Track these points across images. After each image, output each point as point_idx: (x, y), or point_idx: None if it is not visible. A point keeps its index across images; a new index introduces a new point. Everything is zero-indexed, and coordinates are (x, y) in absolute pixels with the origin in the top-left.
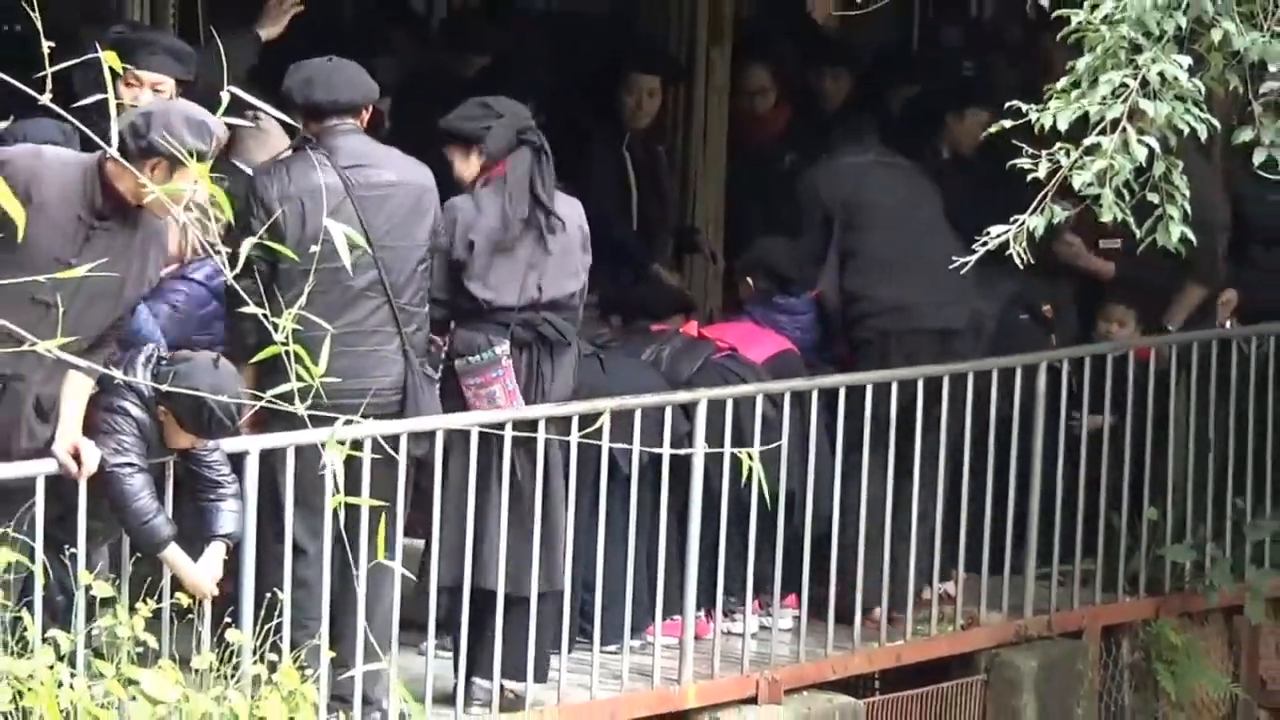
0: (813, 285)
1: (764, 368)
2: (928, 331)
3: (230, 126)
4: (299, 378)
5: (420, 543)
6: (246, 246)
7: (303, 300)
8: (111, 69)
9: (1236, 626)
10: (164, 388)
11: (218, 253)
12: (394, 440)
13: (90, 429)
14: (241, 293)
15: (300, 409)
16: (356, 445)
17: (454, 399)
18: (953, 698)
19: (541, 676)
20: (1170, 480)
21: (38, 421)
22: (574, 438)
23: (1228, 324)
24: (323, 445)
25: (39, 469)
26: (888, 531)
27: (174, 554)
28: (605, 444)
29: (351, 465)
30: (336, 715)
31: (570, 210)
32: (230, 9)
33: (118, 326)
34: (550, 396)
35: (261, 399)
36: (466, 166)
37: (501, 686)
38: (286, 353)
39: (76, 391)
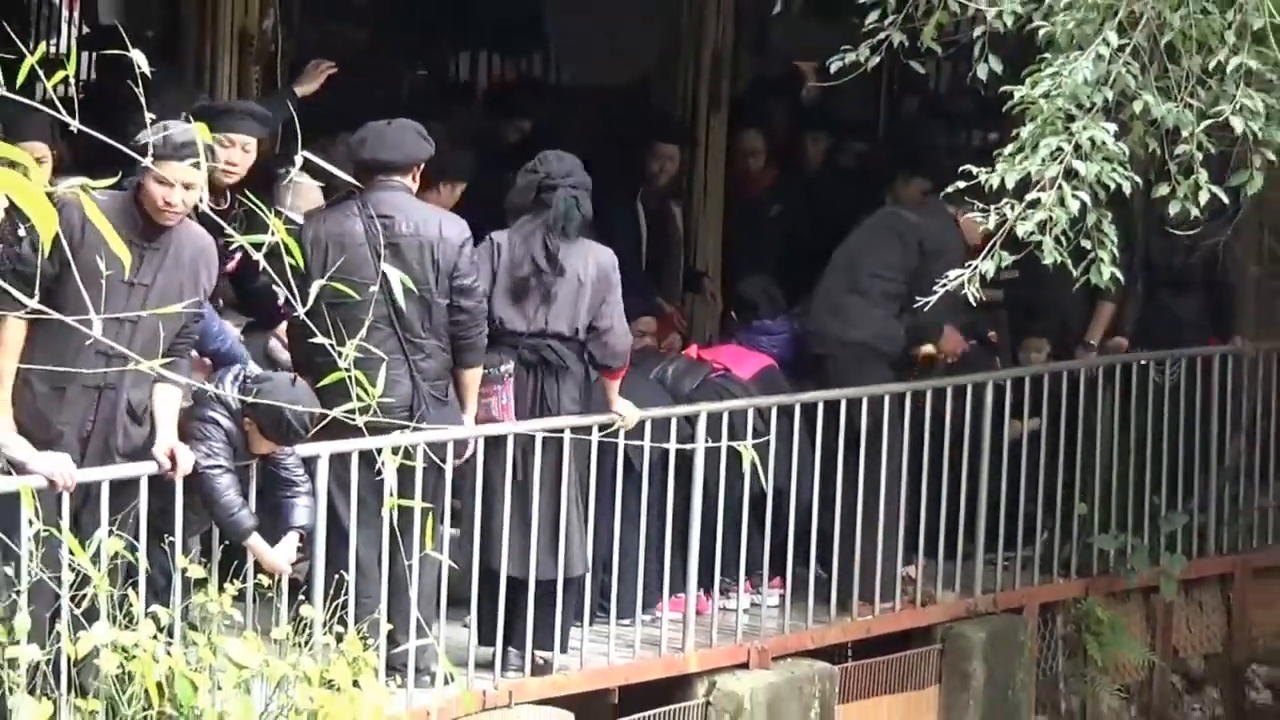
0: (781, 311)
1: (751, 382)
2: None
3: (271, 180)
4: (359, 397)
5: (456, 530)
6: (316, 287)
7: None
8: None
9: (1153, 604)
10: (250, 399)
11: (291, 293)
12: (432, 447)
13: (185, 435)
14: (311, 326)
15: (359, 421)
16: (399, 453)
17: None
18: (914, 664)
19: (565, 647)
20: (1097, 480)
21: (131, 424)
22: (594, 438)
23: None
24: (378, 453)
25: (142, 470)
26: (859, 523)
27: (256, 542)
28: (621, 442)
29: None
30: (393, 678)
31: (600, 256)
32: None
33: (185, 336)
34: (555, 411)
35: (329, 413)
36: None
37: (533, 655)
38: (349, 377)
39: (168, 401)
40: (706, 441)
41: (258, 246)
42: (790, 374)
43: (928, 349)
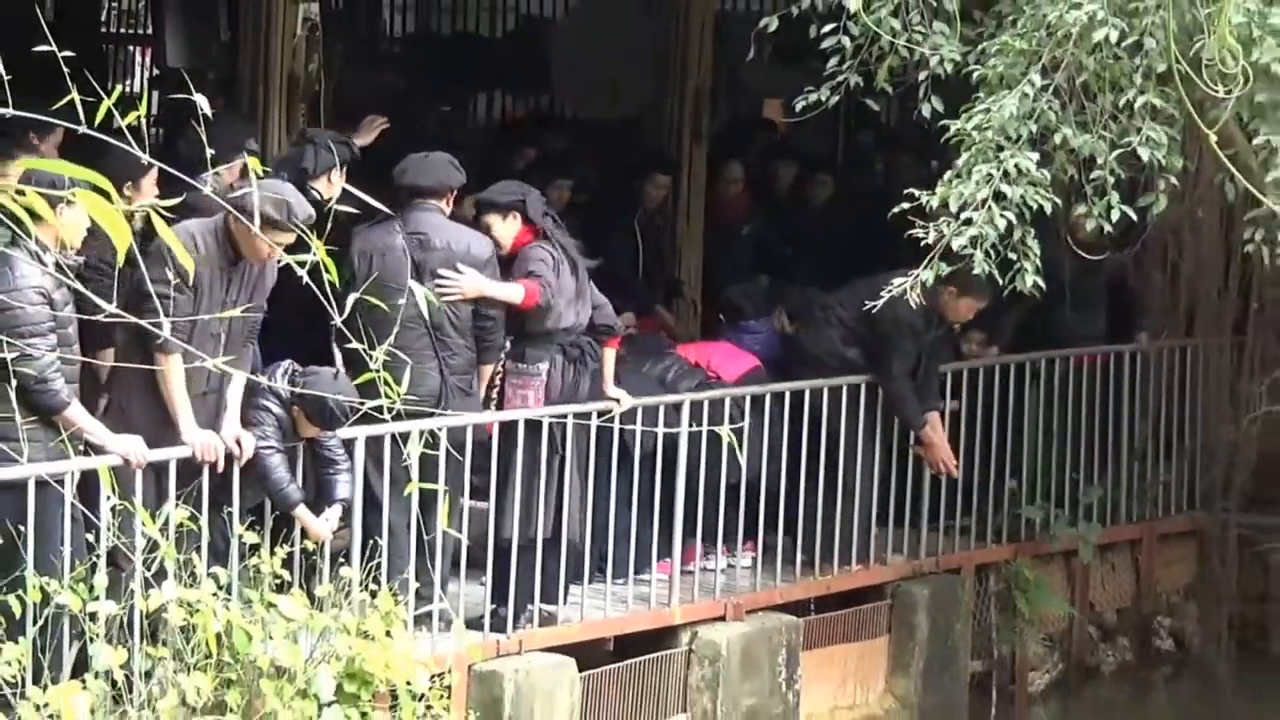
0: (764, 314)
1: (738, 382)
2: None
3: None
4: (387, 394)
5: (483, 504)
6: (351, 299)
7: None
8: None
9: (1073, 565)
10: (298, 390)
11: (330, 304)
12: (453, 432)
13: (243, 421)
14: (346, 333)
15: (387, 415)
16: (423, 439)
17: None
18: (867, 616)
19: (566, 600)
20: (1025, 459)
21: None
22: (593, 424)
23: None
24: (403, 441)
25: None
26: (820, 497)
27: (302, 512)
28: (616, 427)
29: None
30: (421, 629)
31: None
32: (346, 109)
33: (251, 336)
34: (579, 399)
35: (365, 404)
36: (505, 228)
37: (540, 609)
38: (379, 377)
39: (235, 393)
40: (691, 427)
41: (302, 264)
42: (773, 369)
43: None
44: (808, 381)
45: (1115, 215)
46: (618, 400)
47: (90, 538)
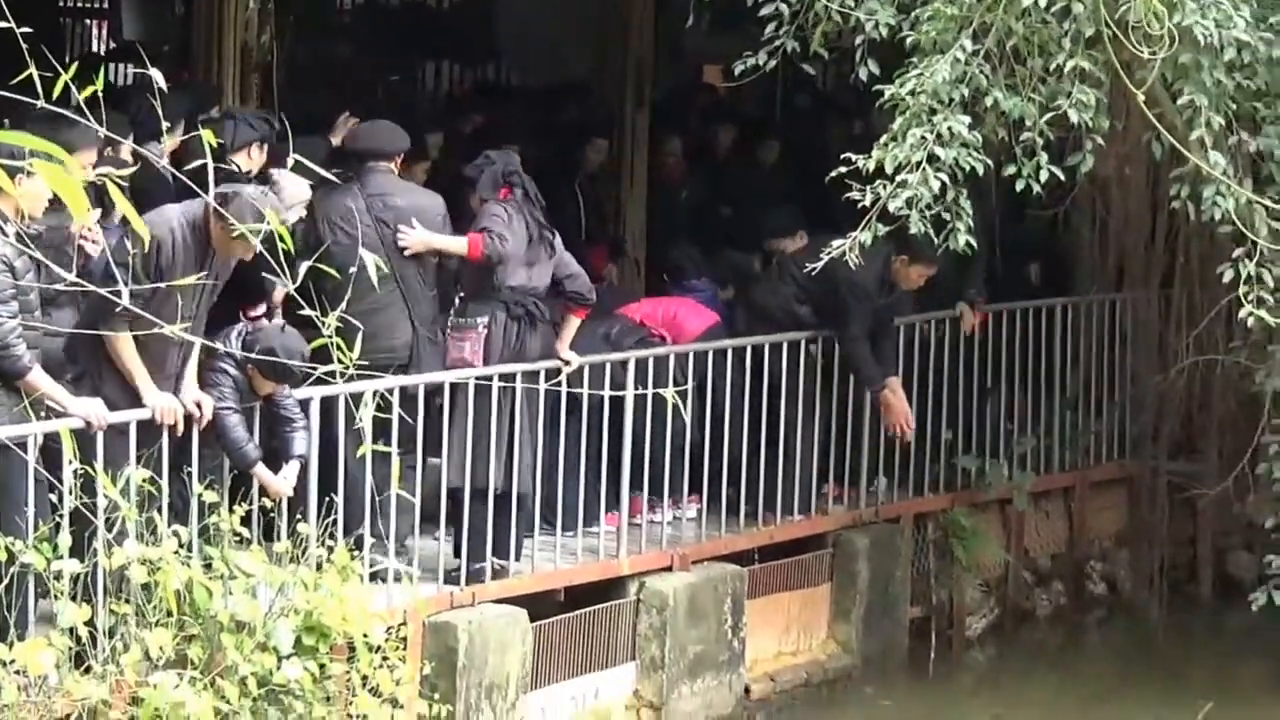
0: (704, 273)
1: (701, 337)
2: None
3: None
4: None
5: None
6: (304, 269)
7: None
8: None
9: (1008, 513)
10: (247, 355)
11: (282, 271)
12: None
13: (201, 384)
14: (299, 299)
15: (338, 379)
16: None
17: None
18: (810, 565)
19: (519, 555)
20: (960, 411)
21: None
22: (541, 384)
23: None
24: (357, 402)
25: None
26: (762, 450)
27: (261, 470)
28: (564, 389)
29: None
30: (376, 583)
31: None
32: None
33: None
34: (529, 357)
35: (317, 368)
36: (474, 198)
37: (493, 563)
38: (331, 343)
39: (192, 359)
40: (638, 388)
41: (257, 234)
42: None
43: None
44: (757, 338)
45: (1044, 175)
46: (567, 362)
47: (53, 498)
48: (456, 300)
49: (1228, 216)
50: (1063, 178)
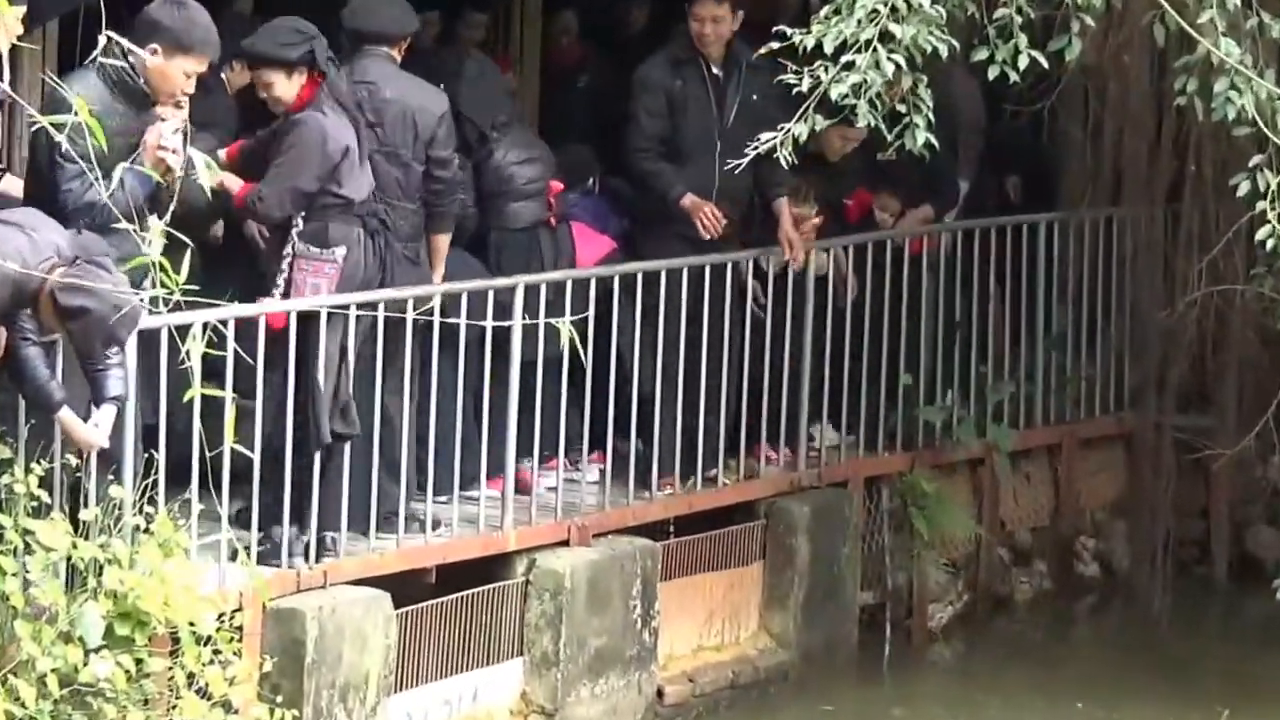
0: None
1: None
2: None
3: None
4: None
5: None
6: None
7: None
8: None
9: (980, 476)
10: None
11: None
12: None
13: None
14: (116, 212)
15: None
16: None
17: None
18: (737, 539)
19: (381, 526)
20: (923, 349)
21: None
22: (410, 315)
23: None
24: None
25: None
26: (679, 396)
27: (67, 415)
28: (436, 320)
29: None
30: (205, 560)
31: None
32: None
33: None
34: (393, 282)
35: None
36: (289, 86)
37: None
38: (153, 263)
39: None
40: (524, 318)
41: (59, 128)
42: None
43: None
44: (660, 261)
45: (1024, 62)
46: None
47: None
48: (300, 223)
49: (1245, 116)
50: (1046, 66)
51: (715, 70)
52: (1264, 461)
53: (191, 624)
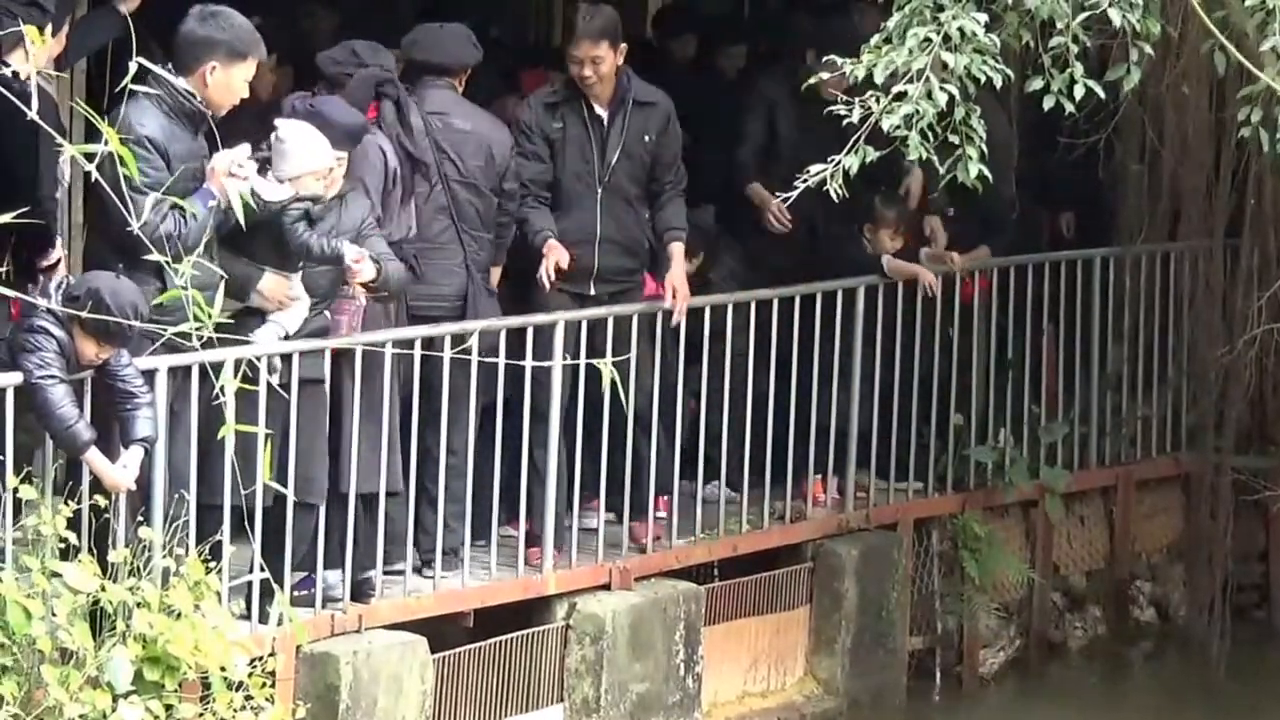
0: None
1: None
2: None
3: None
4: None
5: None
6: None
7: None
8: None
9: (1033, 519)
10: (78, 313)
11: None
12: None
13: (17, 348)
14: (148, 243)
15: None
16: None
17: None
18: (783, 583)
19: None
20: (974, 389)
21: None
22: (447, 354)
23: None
24: (216, 376)
25: None
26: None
27: (94, 456)
28: (475, 359)
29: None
30: (236, 603)
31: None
32: None
33: None
34: (475, 313)
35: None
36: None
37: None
38: (186, 297)
39: None
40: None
41: (90, 157)
42: None
43: None
44: (718, 297)
45: (1080, 92)
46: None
47: None
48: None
49: None
50: (1103, 95)
51: (600, 110)
52: None
53: (223, 669)
